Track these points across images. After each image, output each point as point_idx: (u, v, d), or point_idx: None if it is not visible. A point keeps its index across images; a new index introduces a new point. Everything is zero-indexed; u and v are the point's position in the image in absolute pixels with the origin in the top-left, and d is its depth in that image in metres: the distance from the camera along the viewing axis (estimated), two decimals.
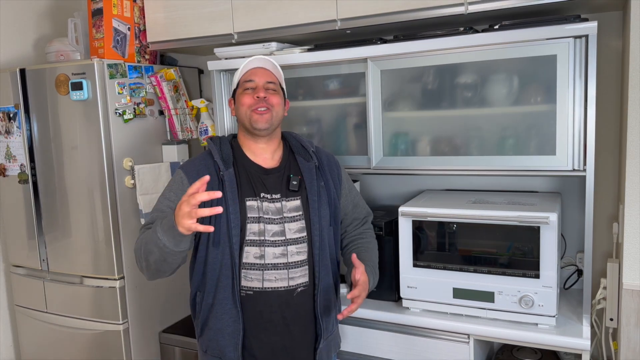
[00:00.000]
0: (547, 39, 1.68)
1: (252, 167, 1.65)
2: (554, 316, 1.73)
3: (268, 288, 1.60)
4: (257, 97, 1.63)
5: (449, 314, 1.88)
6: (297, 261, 1.62)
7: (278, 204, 1.62)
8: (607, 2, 1.79)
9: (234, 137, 1.75)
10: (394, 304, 2.01)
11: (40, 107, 2.37)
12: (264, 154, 1.68)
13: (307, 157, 1.71)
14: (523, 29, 1.69)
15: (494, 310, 1.80)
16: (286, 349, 1.63)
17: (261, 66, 1.67)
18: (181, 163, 2.47)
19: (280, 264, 1.60)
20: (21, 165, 2.47)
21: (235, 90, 1.70)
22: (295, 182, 1.64)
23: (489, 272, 1.80)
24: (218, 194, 1.31)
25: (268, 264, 1.59)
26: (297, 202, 1.64)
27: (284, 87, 1.73)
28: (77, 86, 2.22)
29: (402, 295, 1.95)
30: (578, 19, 1.65)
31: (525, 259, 1.74)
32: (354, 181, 2.21)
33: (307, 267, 1.64)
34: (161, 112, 2.50)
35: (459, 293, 1.85)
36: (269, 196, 1.62)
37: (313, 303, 1.65)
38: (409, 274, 1.92)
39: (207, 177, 1.35)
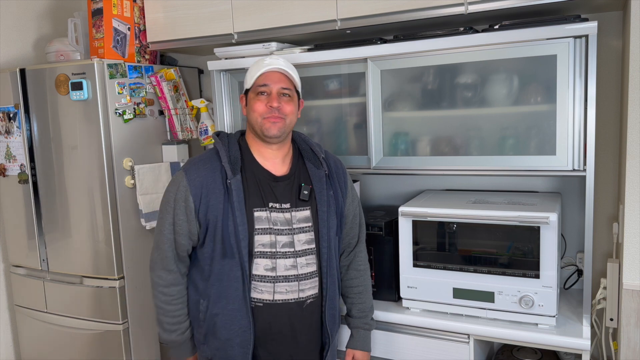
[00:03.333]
0: (547, 39, 1.68)
1: (262, 174, 1.61)
2: (554, 316, 1.73)
3: (279, 300, 1.58)
4: (271, 106, 1.56)
5: (449, 314, 1.88)
6: (307, 273, 1.60)
7: (287, 215, 1.59)
8: (607, 2, 1.79)
9: (242, 134, 1.70)
10: (394, 304, 2.01)
11: (40, 107, 2.36)
12: (274, 158, 1.63)
13: (317, 163, 1.67)
14: (523, 29, 1.69)
15: (494, 310, 1.80)
16: (292, 358, 1.63)
17: (277, 70, 1.58)
18: (182, 163, 2.48)
19: (291, 275, 1.58)
20: (21, 165, 2.47)
21: (247, 89, 1.63)
22: (306, 192, 1.61)
23: (489, 272, 1.80)
24: None
25: (280, 276, 1.57)
26: (306, 213, 1.61)
27: (300, 89, 1.67)
28: (77, 86, 2.22)
29: (402, 295, 1.95)
30: (578, 19, 1.65)
31: (525, 259, 1.74)
32: (354, 181, 2.21)
33: (317, 278, 1.63)
34: (161, 112, 2.50)
35: (459, 293, 1.85)
36: (277, 206, 1.58)
37: (321, 314, 1.65)
38: (409, 274, 1.92)
39: None
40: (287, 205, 1.59)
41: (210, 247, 1.57)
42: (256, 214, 1.56)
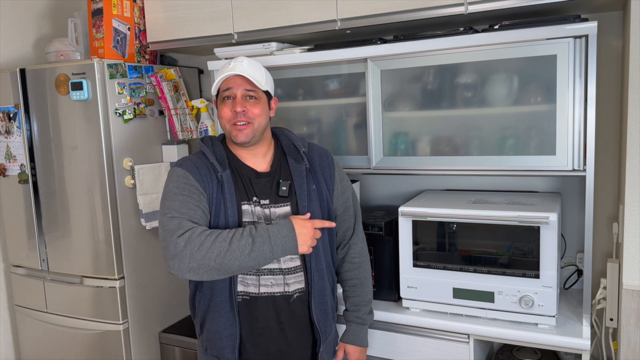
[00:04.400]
0: (547, 39, 1.68)
1: (245, 170, 1.62)
2: (554, 316, 1.73)
3: (264, 293, 1.59)
4: (235, 111, 1.56)
5: (449, 314, 1.88)
6: (291, 267, 1.60)
7: (267, 211, 1.59)
8: (607, 2, 1.79)
9: (225, 137, 1.71)
10: (394, 304, 2.01)
11: (40, 107, 2.36)
12: (253, 158, 1.65)
13: (299, 158, 1.66)
14: (523, 29, 1.69)
15: (494, 310, 1.80)
16: (282, 353, 1.63)
17: (238, 74, 1.56)
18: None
19: (276, 269, 1.59)
20: (21, 165, 2.47)
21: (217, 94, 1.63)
22: (284, 188, 1.61)
23: (489, 272, 1.80)
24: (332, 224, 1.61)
25: (264, 269, 1.58)
26: (286, 209, 1.61)
27: (269, 88, 1.64)
28: (77, 86, 2.22)
29: (402, 295, 1.95)
30: (578, 19, 1.65)
31: (525, 259, 1.74)
32: (354, 181, 2.21)
33: (302, 273, 1.62)
34: (161, 112, 2.50)
35: (459, 293, 1.85)
36: (258, 201, 1.60)
37: (309, 309, 1.65)
38: (409, 274, 1.92)
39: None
40: (266, 202, 1.60)
41: None
42: (243, 207, 1.58)
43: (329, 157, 1.74)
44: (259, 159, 1.65)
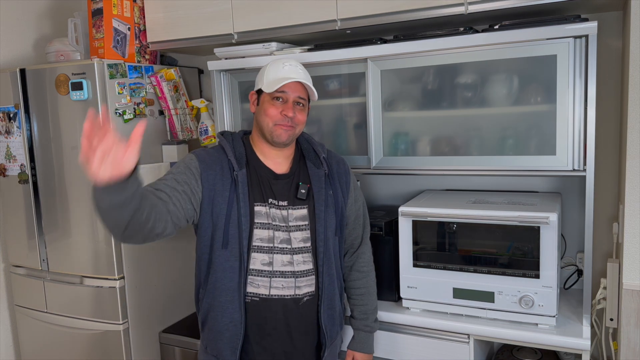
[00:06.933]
0: (547, 39, 1.68)
1: (263, 171, 1.63)
2: (554, 316, 1.73)
3: (275, 295, 1.59)
4: (286, 115, 1.58)
5: (449, 314, 1.88)
6: (303, 270, 1.61)
7: (284, 212, 1.60)
8: (607, 2, 1.79)
9: (245, 133, 1.72)
10: (394, 304, 2.01)
11: (40, 107, 2.36)
12: (276, 158, 1.66)
13: (318, 163, 1.69)
14: (523, 29, 1.69)
15: (494, 310, 1.80)
16: (287, 355, 1.63)
17: (297, 80, 1.58)
18: None
19: (288, 272, 1.59)
20: (21, 165, 2.47)
21: (260, 90, 1.62)
22: (303, 191, 1.63)
23: (489, 272, 1.80)
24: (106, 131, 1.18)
25: (276, 271, 1.58)
26: (303, 211, 1.62)
27: (311, 97, 1.67)
28: (77, 86, 2.22)
29: (402, 295, 1.95)
30: (578, 19, 1.65)
31: (525, 259, 1.74)
32: None
33: (313, 276, 1.63)
34: (161, 112, 2.50)
35: (459, 293, 1.85)
36: (276, 202, 1.60)
37: (317, 313, 1.65)
38: (409, 274, 1.92)
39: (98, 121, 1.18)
40: (285, 203, 1.61)
41: (209, 234, 1.57)
42: (256, 208, 1.58)
43: (346, 166, 1.78)
44: (281, 160, 1.67)
